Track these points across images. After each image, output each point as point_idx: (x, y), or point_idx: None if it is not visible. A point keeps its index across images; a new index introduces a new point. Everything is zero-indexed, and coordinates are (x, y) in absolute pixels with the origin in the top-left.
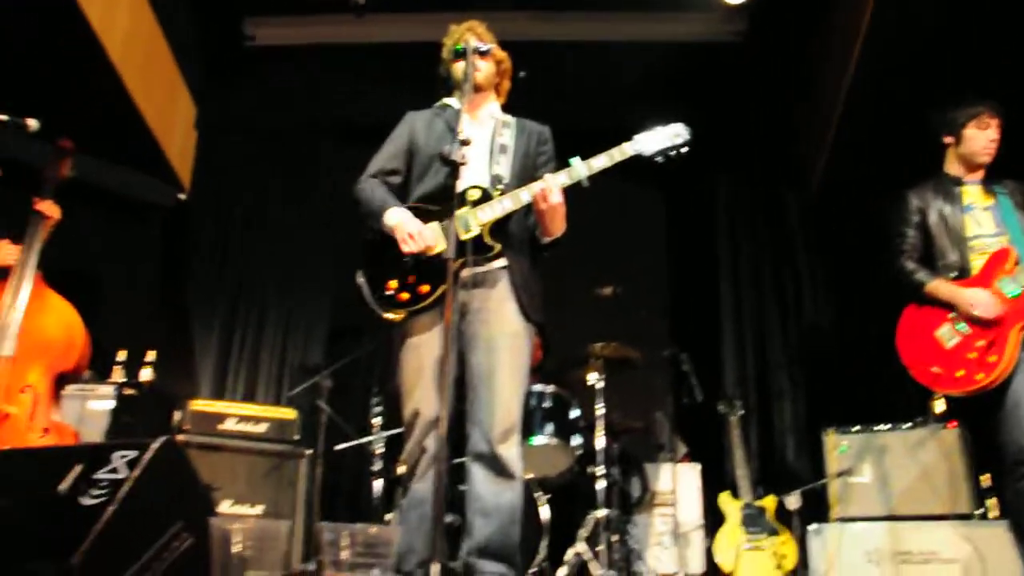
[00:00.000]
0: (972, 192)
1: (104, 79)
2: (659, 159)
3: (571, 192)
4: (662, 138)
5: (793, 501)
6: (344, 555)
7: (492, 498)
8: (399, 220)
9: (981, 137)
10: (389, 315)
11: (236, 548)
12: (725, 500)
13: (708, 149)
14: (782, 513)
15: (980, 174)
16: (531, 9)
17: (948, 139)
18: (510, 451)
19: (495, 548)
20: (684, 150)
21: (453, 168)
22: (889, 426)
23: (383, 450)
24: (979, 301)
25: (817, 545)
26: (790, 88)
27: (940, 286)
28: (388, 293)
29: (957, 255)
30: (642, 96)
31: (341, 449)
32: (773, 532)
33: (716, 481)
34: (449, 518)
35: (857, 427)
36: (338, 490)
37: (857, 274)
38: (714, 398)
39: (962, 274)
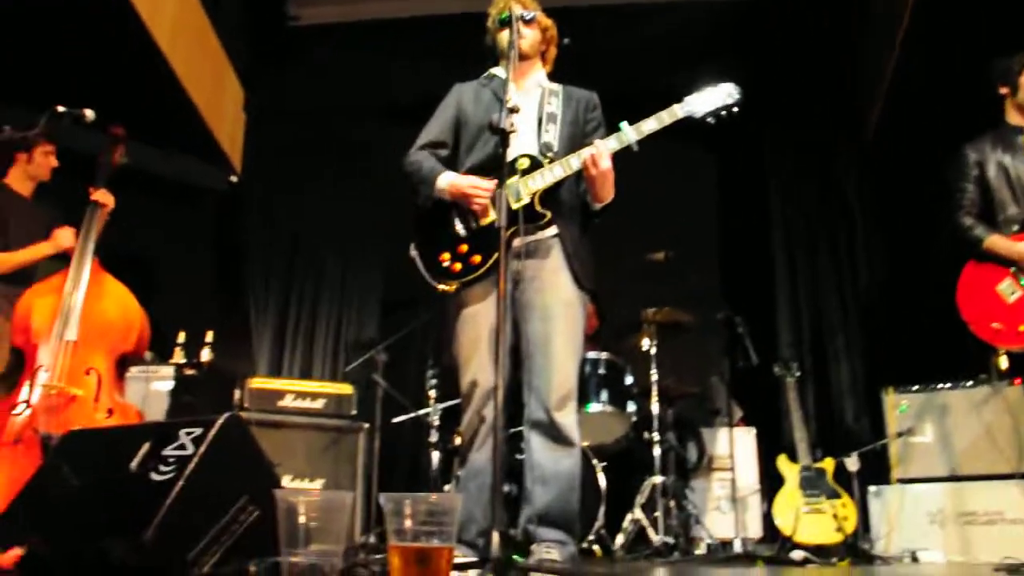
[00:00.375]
0: None
1: (154, 67)
2: (710, 120)
3: (620, 157)
4: (712, 99)
5: (852, 463)
6: (407, 524)
7: (551, 465)
8: (452, 179)
9: None
10: (443, 286)
11: (302, 520)
12: (783, 463)
13: (758, 107)
14: (841, 475)
15: None
16: None
17: (1004, 89)
18: (567, 418)
19: (554, 515)
20: (735, 110)
21: (502, 137)
22: (950, 384)
23: (439, 422)
24: None
25: (877, 507)
26: (841, 41)
27: (998, 242)
28: (442, 265)
29: (1017, 208)
30: (690, 56)
31: (398, 422)
32: (832, 495)
33: (772, 444)
34: (507, 488)
35: (917, 386)
36: (396, 463)
37: (914, 229)
38: (769, 360)
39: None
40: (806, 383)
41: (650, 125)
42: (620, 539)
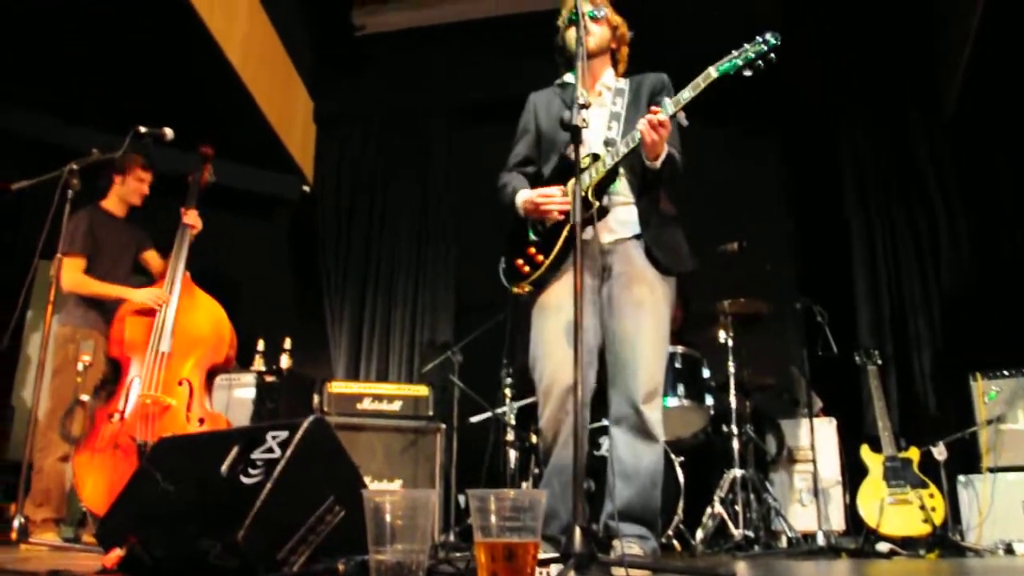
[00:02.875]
0: None
1: (227, 84)
2: (748, 72)
3: (686, 147)
4: (746, 51)
5: (940, 452)
6: (493, 520)
7: (633, 461)
8: (525, 195)
9: None
10: (515, 289)
11: (388, 519)
12: (866, 453)
13: (826, 83)
14: (926, 465)
15: None
16: None
17: None
18: (654, 413)
19: (636, 511)
20: (772, 56)
21: (574, 133)
22: None
23: (515, 421)
24: None
25: (967, 496)
26: (917, 9)
27: None
28: (518, 269)
29: None
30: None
31: (475, 422)
32: (919, 484)
33: (854, 435)
34: (586, 484)
35: (1007, 371)
36: (473, 462)
37: (998, 208)
38: (850, 349)
39: None
40: (888, 371)
41: (686, 94)
42: (700, 533)
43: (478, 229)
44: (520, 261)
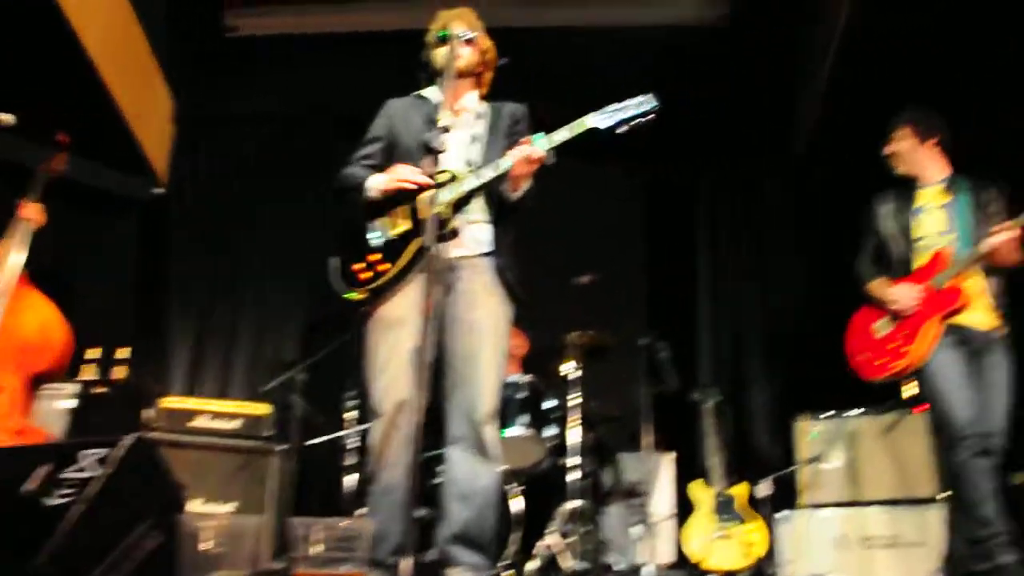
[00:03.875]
0: (928, 193)
1: (81, 74)
2: (623, 129)
3: (549, 181)
4: (626, 108)
5: (764, 488)
6: (316, 550)
7: (471, 481)
8: (380, 177)
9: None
10: (351, 295)
11: (205, 546)
12: (696, 489)
13: (688, 134)
14: (755, 501)
15: (939, 174)
16: None
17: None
18: (492, 434)
19: (472, 534)
20: (649, 118)
21: (433, 156)
22: (860, 411)
23: (357, 444)
24: (898, 296)
25: (785, 532)
26: (769, 69)
27: (875, 285)
28: (354, 274)
29: (906, 255)
30: (624, 78)
31: (314, 444)
32: (743, 520)
33: (691, 470)
34: (422, 511)
35: (829, 413)
36: (311, 486)
37: (833, 261)
38: (691, 386)
39: (907, 272)
40: (724, 408)
41: (561, 135)
42: (532, 565)
43: (333, 244)
44: (359, 266)
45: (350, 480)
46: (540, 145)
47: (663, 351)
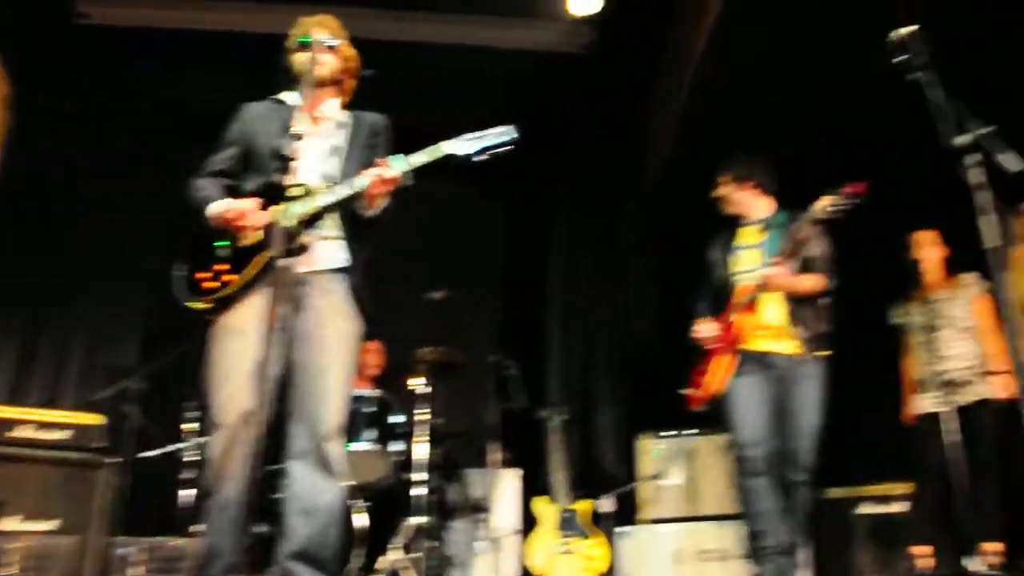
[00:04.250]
0: (747, 232)
1: None
2: (481, 157)
3: (408, 201)
4: (485, 137)
5: (606, 504)
6: (137, 571)
7: (313, 497)
8: (217, 207)
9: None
10: (193, 304)
11: (8, 570)
12: (541, 504)
13: (546, 159)
14: (598, 516)
15: (762, 213)
16: (378, 7)
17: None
18: (337, 449)
19: (313, 551)
20: (508, 148)
21: (283, 163)
22: (698, 431)
23: (195, 458)
24: (700, 333)
25: (626, 546)
26: (629, 99)
27: (697, 322)
28: (198, 283)
29: (728, 291)
30: (484, 101)
31: (149, 457)
32: (586, 535)
33: (537, 486)
34: (263, 527)
35: (670, 432)
36: (145, 502)
37: (682, 288)
38: (539, 404)
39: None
40: (572, 427)
41: (419, 158)
42: None
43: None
44: (204, 275)
45: (186, 495)
46: (398, 167)
47: (511, 369)
